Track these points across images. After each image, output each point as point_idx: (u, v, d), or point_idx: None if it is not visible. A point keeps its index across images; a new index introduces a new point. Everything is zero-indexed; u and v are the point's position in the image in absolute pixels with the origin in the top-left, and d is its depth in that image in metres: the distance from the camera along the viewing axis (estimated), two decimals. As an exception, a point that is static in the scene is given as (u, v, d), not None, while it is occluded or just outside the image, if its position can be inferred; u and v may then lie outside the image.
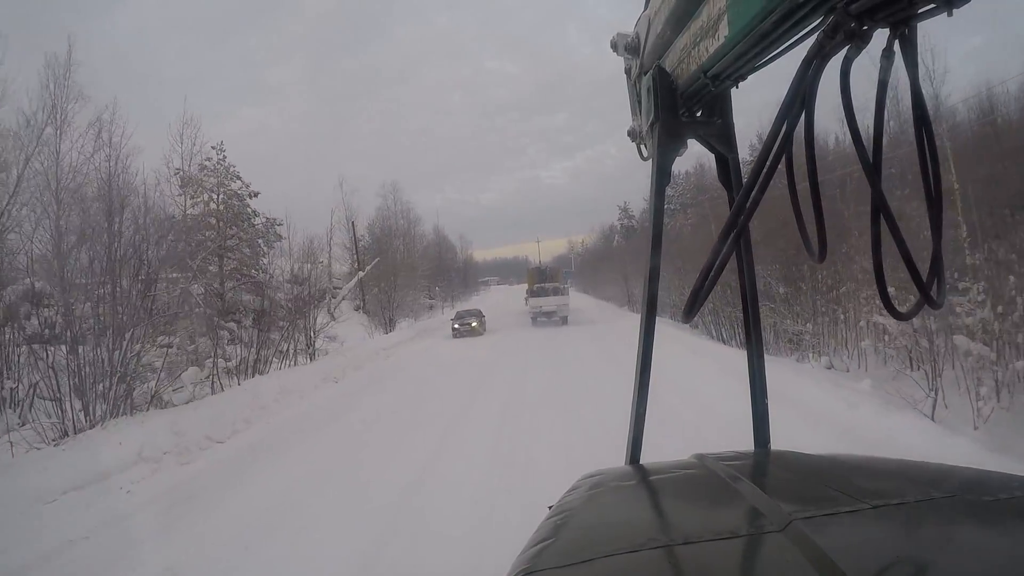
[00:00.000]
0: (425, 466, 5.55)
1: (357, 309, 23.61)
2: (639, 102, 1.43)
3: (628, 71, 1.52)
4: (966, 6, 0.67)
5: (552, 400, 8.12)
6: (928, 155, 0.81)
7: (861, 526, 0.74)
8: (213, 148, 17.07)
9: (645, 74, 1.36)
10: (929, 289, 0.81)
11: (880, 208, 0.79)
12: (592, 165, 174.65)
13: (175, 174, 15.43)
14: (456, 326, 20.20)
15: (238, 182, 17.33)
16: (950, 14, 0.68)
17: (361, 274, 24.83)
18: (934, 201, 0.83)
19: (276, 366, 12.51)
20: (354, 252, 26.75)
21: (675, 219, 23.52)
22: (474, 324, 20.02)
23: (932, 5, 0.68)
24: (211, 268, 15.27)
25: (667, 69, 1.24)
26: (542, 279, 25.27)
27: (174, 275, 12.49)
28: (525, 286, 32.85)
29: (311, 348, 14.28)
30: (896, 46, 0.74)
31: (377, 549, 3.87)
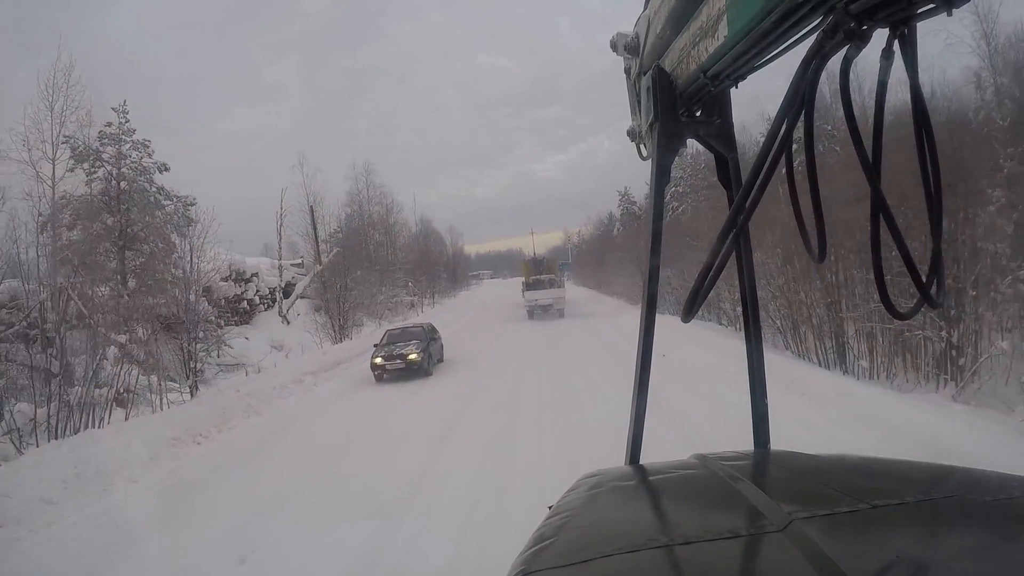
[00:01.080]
0: None
1: (318, 310, 19.03)
2: (639, 102, 1.43)
3: (628, 71, 1.52)
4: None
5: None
6: (928, 155, 0.82)
7: (861, 526, 0.75)
8: (114, 110, 13.50)
9: (645, 74, 1.36)
10: (929, 289, 0.82)
11: (880, 208, 0.79)
12: (586, 158, 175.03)
13: (64, 141, 11.57)
14: (379, 360, 11.09)
15: (142, 152, 13.87)
16: (949, 14, 0.68)
17: (317, 267, 20.75)
18: (933, 202, 0.84)
19: (155, 403, 8.30)
20: (314, 243, 22.14)
21: (684, 202, 20.96)
22: (412, 356, 11.04)
23: (931, 5, 0.68)
24: (111, 264, 12.28)
25: (666, 69, 1.25)
26: (538, 271, 24.26)
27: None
28: (520, 279, 30.37)
29: (193, 379, 9.71)
30: (896, 46, 0.75)
31: None
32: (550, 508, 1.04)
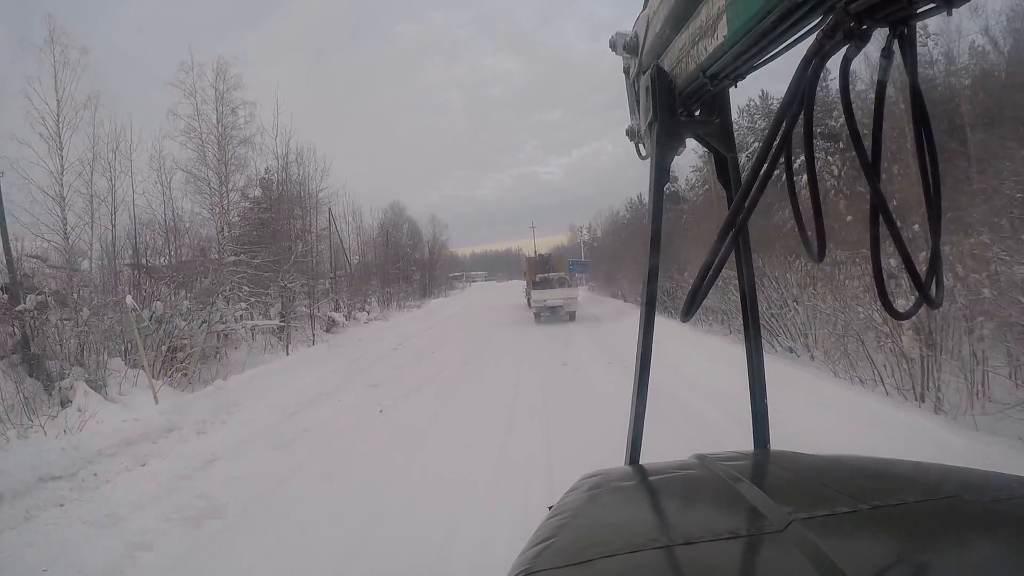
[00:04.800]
0: None
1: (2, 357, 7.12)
2: (637, 101, 1.43)
3: (627, 70, 1.53)
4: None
5: None
6: (928, 155, 0.82)
7: (861, 527, 0.75)
8: None
9: (644, 73, 1.36)
10: (928, 288, 0.82)
11: (879, 208, 0.79)
12: (588, 161, 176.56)
13: None
14: None
15: None
16: (949, 13, 0.68)
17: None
18: (933, 201, 0.84)
19: None
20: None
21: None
22: None
23: (932, 5, 0.68)
24: None
25: (665, 68, 1.25)
26: (544, 269, 21.40)
27: None
28: (519, 282, 26.90)
29: None
30: (895, 46, 0.74)
31: None
32: (550, 508, 1.05)
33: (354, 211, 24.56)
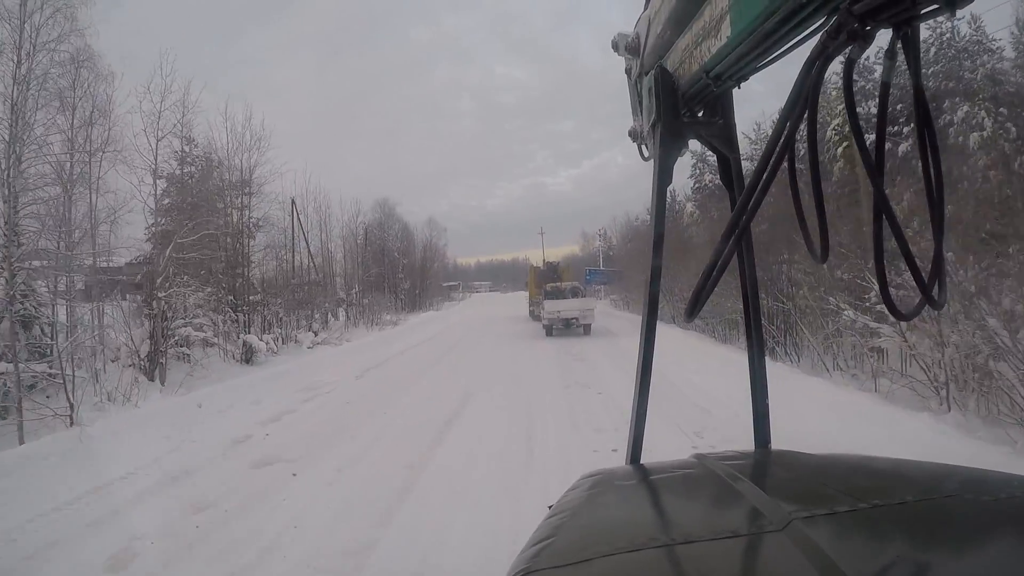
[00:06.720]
0: None
1: None
2: (640, 102, 1.43)
3: (628, 71, 1.53)
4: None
5: None
6: (930, 156, 0.82)
7: (861, 526, 0.74)
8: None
9: (646, 74, 1.36)
10: (931, 289, 0.82)
11: (882, 208, 0.79)
12: (598, 172, 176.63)
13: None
14: None
15: None
16: (953, 14, 0.68)
17: None
18: (935, 202, 0.84)
19: None
20: None
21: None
22: None
23: (935, 6, 0.68)
24: None
25: (668, 69, 1.25)
26: (552, 279, 20.15)
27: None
28: (524, 293, 25.70)
29: None
30: (898, 46, 0.74)
31: None
32: (550, 508, 1.04)
33: (317, 200, 18.12)
